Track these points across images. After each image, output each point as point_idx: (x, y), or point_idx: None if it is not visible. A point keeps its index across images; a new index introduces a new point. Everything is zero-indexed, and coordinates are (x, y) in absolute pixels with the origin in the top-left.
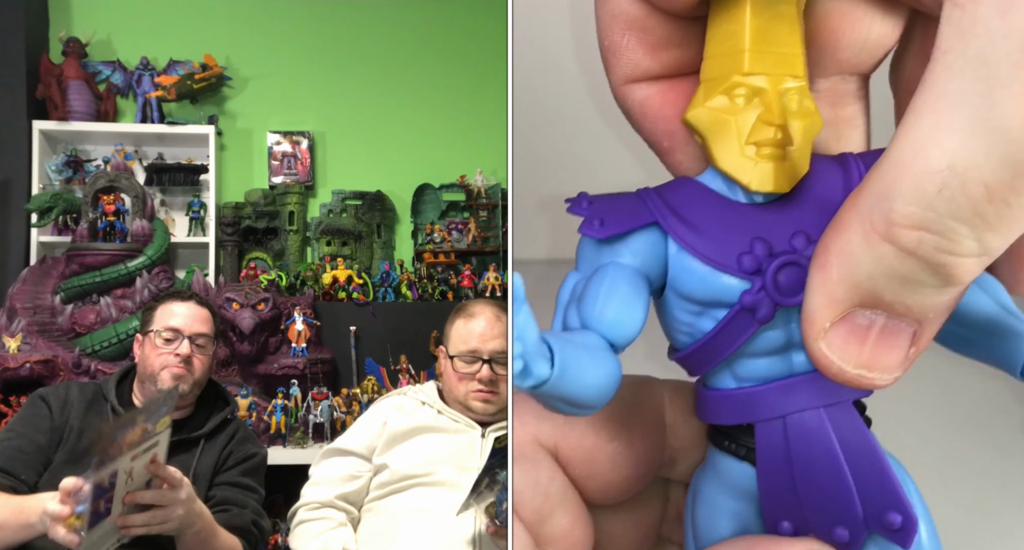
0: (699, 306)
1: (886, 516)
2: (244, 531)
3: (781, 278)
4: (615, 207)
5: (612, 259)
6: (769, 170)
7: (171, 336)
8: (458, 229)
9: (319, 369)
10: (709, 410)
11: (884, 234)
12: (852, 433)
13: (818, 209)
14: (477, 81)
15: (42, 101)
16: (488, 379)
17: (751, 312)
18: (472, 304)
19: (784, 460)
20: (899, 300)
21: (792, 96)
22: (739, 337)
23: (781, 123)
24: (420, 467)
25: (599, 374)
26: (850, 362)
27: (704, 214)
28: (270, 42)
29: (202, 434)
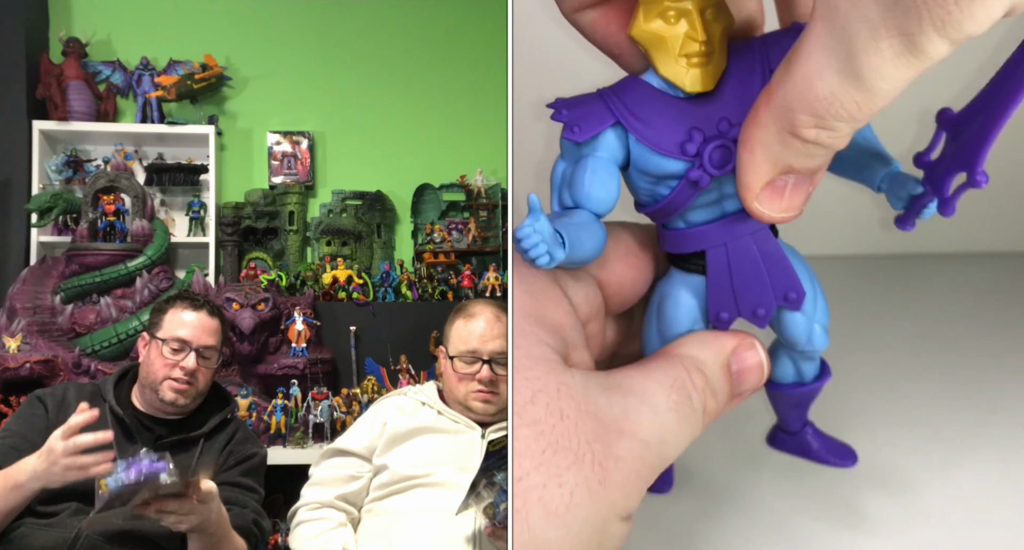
0: (656, 179)
1: (787, 294)
2: (245, 531)
3: (714, 157)
4: (586, 112)
5: (590, 153)
6: (698, 74)
7: (178, 347)
8: (458, 229)
9: (319, 369)
10: (674, 244)
11: (792, 132)
12: (768, 246)
13: (736, 97)
14: (477, 81)
15: (42, 101)
16: (488, 379)
17: (694, 183)
18: (472, 304)
19: (726, 270)
20: (803, 166)
21: (710, 10)
22: (687, 199)
23: (703, 38)
24: (420, 468)
25: (593, 242)
26: (776, 210)
27: (653, 111)
28: (270, 42)
29: (201, 433)
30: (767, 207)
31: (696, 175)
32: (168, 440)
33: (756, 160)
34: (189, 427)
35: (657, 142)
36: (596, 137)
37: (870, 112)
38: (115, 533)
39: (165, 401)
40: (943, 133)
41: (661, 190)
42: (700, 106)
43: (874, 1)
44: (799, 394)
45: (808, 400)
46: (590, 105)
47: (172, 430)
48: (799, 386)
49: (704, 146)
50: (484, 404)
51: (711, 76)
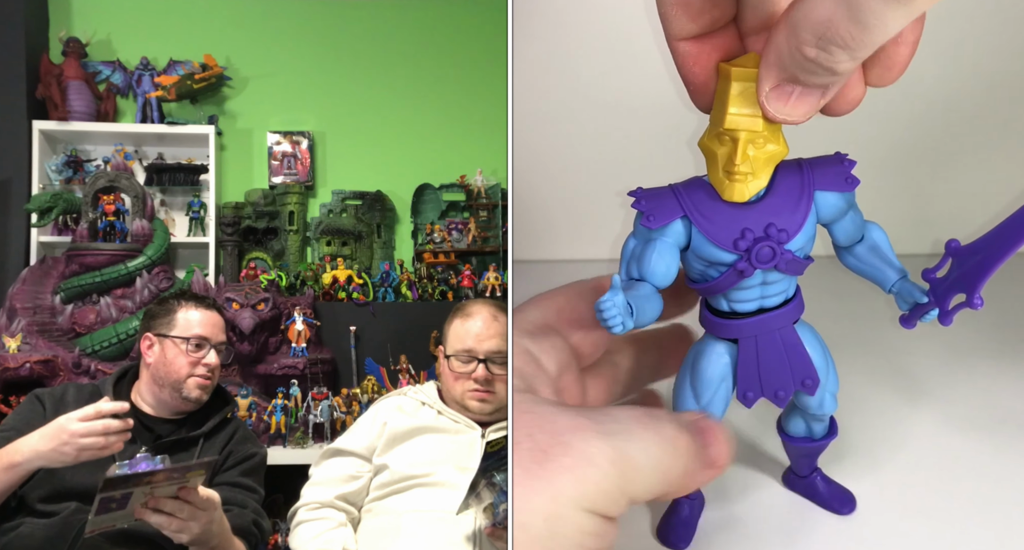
0: (709, 263)
1: (804, 380)
2: (245, 532)
3: (761, 254)
4: (659, 204)
5: (659, 237)
6: (736, 188)
7: (200, 343)
8: (458, 229)
9: (319, 369)
10: (711, 327)
11: (796, 47)
12: (791, 339)
13: (783, 207)
14: (477, 81)
15: (42, 101)
16: (484, 379)
17: (740, 272)
18: (470, 304)
19: (754, 358)
20: (806, 80)
21: (759, 140)
22: (731, 284)
23: (740, 164)
24: (420, 467)
25: (653, 312)
26: (780, 111)
27: (714, 210)
28: (270, 42)
29: (201, 433)
30: (772, 106)
31: (743, 266)
32: (168, 440)
33: (768, 62)
34: (189, 427)
35: (715, 236)
36: (666, 225)
37: (863, 44)
38: (116, 533)
39: (190, 399)
40: (948, 259)
41: (711, 272)
42: (752, 211)
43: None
44: (808, 448)
45: (817, 452)
46: (664, 198)
47: (172, 430)
48: (809, 441)
49: (753, 245)
50: (480, 403)
51: (748, 192)
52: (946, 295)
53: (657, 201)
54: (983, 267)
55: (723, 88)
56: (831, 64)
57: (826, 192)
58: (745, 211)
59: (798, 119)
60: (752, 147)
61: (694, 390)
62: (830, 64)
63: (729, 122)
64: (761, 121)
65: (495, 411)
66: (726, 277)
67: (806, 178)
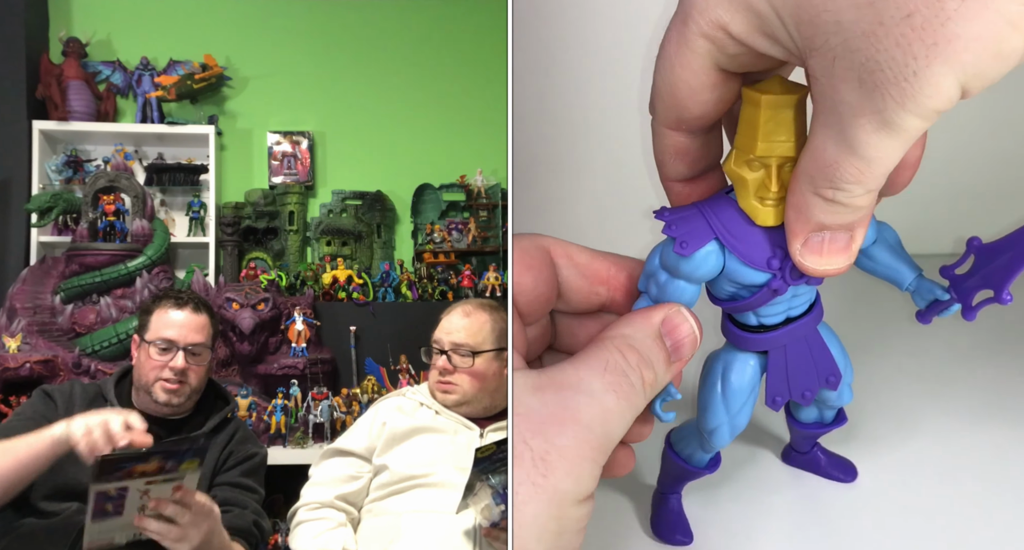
0: (741, 286)
1: (828, 378)
2: (245, 532)
3: (794, 272)
4: (692, 228)
5: (689, 274)
6: (769, 213)
7: (165, 347)
8: (458, 229)
9: (319, 369)
10: (741, 342)
11: (814, 193)
12: (816, 342)
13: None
14: (477, 81)
15: (42, 101)
16: (442, 369)
17: (775, 291)
18: (457, 302)
19: (783, 366)
20: (832, 222)
21: (788, 165)
22: (765, 302)
23: (775, 189)
24: (420, 467)
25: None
26: (816, 264)
27: (745, 231)
28: (270, 42)
29: (202, 434)
30: (809, 261)
31: (777, 285)
32: (168, 441)
33: (792, 218)
34: (189, 428)
35: (749, 257)
36: (699, 249)
37: (872, 176)
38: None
39: (159, 402)
40: (971, 255)
41: (743, 293)
42: (779, 231)
43: (850, 87)
44: (817, 432)
45: (821, 435)
46: (694, 221)
47: (172, 431)
48: (819, 427)
49: (785, 263)
50: (444, 394)
51: (780, 216)
52: (971, 292)
53: (688, 224)
54: (1013, 265)
55: (752, 114)
56: (849, 200)
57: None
58: (773, 230)
59: (838, 267)
60: (785, 171)
61: (726, 403)
62: (848, 201)
63: (762, 150)
64: (793, 145)
65: (459, 403)
66: (759, 297)
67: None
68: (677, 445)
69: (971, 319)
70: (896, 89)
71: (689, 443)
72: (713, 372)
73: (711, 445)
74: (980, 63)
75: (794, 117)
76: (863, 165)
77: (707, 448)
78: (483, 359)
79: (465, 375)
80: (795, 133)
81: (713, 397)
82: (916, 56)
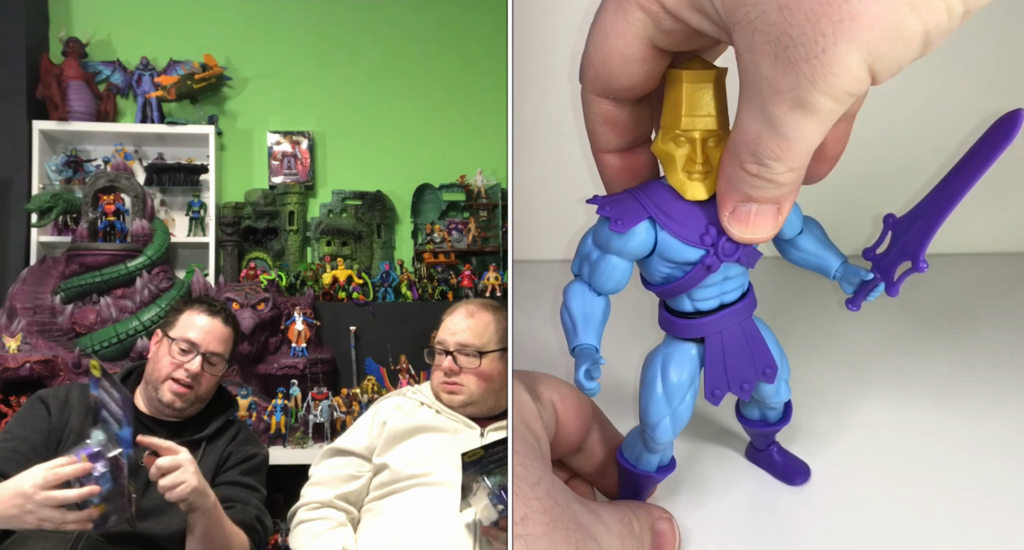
0: (676, 264)
1: (764, 370)
2: (248, 527)
3: (725, 247)
4: (625, 208)
5: (620, 249)
6: (697, 187)
7: (186, 348)
8: (458, 229)
9: (319, 369)
10: (677, 329)
11: (740, 167)
12: (750, 330)
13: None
14: (477, 81)
15: (42, 101)
16: (449, 370)
17: (708, 267)
18: (459, 302)
19: (720, 354)
20: (757, 195)
21: (713, 138)
22: (698, 281)
23: (701, 161)
24: (420, 467)
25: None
26: (743, 232)
27: (676, 209)
28: (270, 42)
29: (203, 436)
30: (735, 229)
31: (710, 260)
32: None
33: (722, 188)
34: (191, 430)
35: (681, 234)
36: (634, 228)
37: (793, 154)
38: (116, 535)
39: (163, 402)
40: (888, 233)
41: (676, 273)
42: (711, 207)
43: (768, 62)
44: (765, 430)
45: (772, 434)
46: (627, 202)
47: (174, 433)
48: (764, 425)
49: (718, 238)
50: (450, 395)
51: (708, 189)
52: (891, 267)
53: (621, 205)
54: (925, 229)
55: (676, 92)
56: (772, 176)
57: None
58: (705, 207)
59: (763, 236)
60: (709, 145)
61: (667, 396)
62: (772, 176)
63: (686, 124)
64: (715, 120)
65: (466, 404)
66: (692, 275)
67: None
68: (626, 451)
69: (894, 294)
70: (808, 66)
71: (635, 445)
72: (652, 366)
73: (654, 441)
74: (882, 43)
75: (714, 93)
76: (782, 142)
77: (651, 447)
78: (488, 359)
79: (471, 376)
80: (716, 109)
81: (654, 391)
82: (824, 33)
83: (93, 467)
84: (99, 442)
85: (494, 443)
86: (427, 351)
